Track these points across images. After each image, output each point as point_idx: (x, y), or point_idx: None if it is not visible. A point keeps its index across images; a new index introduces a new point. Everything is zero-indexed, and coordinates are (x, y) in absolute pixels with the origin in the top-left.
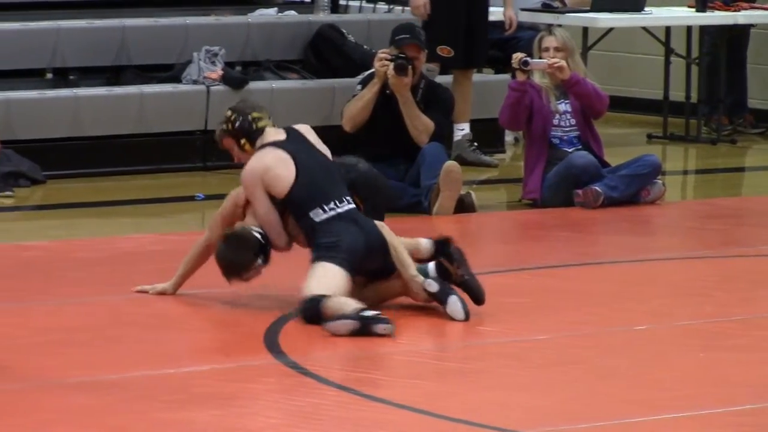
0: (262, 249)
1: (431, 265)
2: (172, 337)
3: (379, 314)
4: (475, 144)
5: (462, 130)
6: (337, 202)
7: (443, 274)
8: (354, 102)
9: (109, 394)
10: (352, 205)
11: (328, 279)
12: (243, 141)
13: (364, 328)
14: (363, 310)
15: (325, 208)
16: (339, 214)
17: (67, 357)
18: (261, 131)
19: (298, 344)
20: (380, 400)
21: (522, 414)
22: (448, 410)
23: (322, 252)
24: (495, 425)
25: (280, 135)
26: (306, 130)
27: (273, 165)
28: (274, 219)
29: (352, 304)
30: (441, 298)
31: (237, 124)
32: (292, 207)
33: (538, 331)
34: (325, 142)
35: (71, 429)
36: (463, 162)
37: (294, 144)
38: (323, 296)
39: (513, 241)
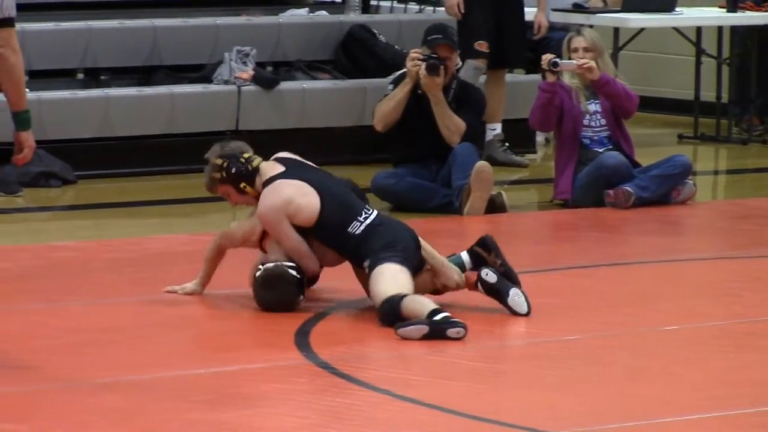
0: (300, 284)
1: (464, 255)
2: (202, 338)
3: (449, 317)
4: (506, 144)
5: (494, 130)
6: (366, 210)
7: (478, 264)
8: (385, 101)
9: (139, 395)
10: (375, 210)
11: (396, 279)
12: (243, 185)
13: (435, 332)
14: (437, 311)
15: (360, 219)
16: (374, 220)
17: (97, 357)
18: (257, 170)
19: (329, 344)
20: (411, 400)
21: (552, 414)
22: (478, 410)
23: (379, 255)
24: (525, 425)
25: (278, 167)
26: (292, 156)
27: (293, 196)
28: (304, 248)
29: (429, 304)
30: (501, 289)
31: (233, 170)
32: (326, 230)
33: (569, 331)
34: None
35: (103, 429)
36: (494, 162)
37: (299, 171)
38: (401, 296)
39: (544, 242)
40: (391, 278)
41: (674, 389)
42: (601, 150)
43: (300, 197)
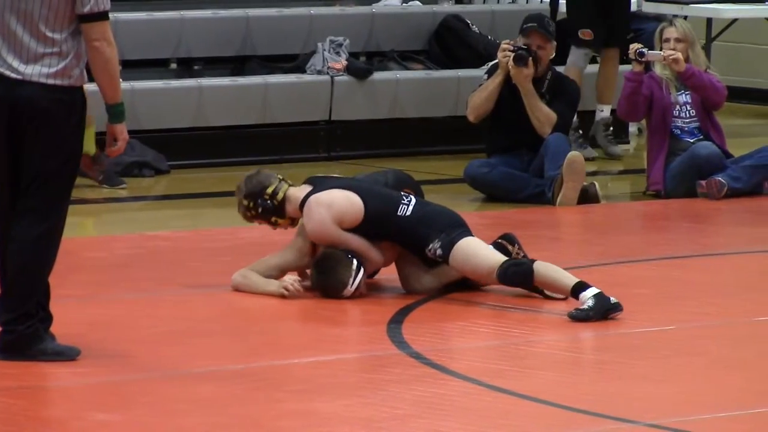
0: (355, 267)
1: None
2: (295, 328)
3: (609, 298)
4: (611, 130)
5: (602, 111)
6: (404, 195)
7: (502, 253)
8: (478, 92)
9: (234, 384)
10: (411, 195)
11: (491, 249)
12: (273, 219)
13: (605, 316)
14: (583, 285)
15: (404, 201)
16: (417, 202)
17: (192, 347)
18: (284, 199)
19: (422, 335)
20: (505, 391)
21: (646, 404)
22: (571, 400)
23: (451, 233)
24: (619, 416)
25: (306, 188)
26: (322, 175)
27: (331, 202)
28: (365, 243)
29: (565, 274)
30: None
31: (260, 209)
32: (377, 220)
33: (662, 322)
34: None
35: (198, 418)
36: (594, 144)
37: (327, 183)
38: (531, 261)
39: (636, 232)
40: (487, 248)
41: None
42: (691, 140)
43: (339, 201)
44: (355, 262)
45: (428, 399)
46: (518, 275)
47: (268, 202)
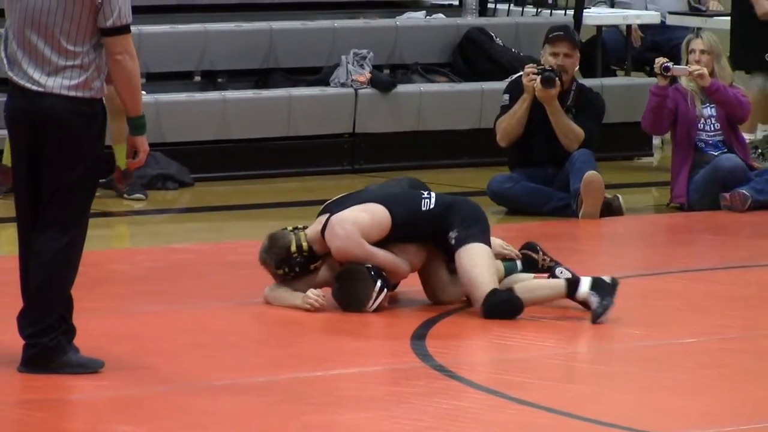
0: (375, 281)
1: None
2: (318, 341)
3: (612, 278)
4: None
5: (764, 131)
6: (423, 189)
7: (529, 265)
8: (507, 119)
9: (256, 397)
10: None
11: (492, 266)
12: (312, 266)
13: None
14: (576, 282)
15: (425, 195)
16: (436, 194)
17: (214, 359)
18: (309, 244)
19: (445, 347)
20: (528, 403)
21: (669, 416)
22: (594, 413)
23: (469, 229)
24: (642, 428)
25: (323, 218)
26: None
27: (356, 219)
28: (391, 256)
29: (549, 283)
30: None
31: (296, 268)
32: (406, 224)
33: (685, 334)
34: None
35: (220, 431)
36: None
37: (343, 203)
38: (513, 290)
39: (659, 245)
40: (489, 267)
41: None
42: (715, 153)
43: (362, 215)
44: (378, 283)
45: (452, 412)
46: (510, 312)
47: (298, 258)
